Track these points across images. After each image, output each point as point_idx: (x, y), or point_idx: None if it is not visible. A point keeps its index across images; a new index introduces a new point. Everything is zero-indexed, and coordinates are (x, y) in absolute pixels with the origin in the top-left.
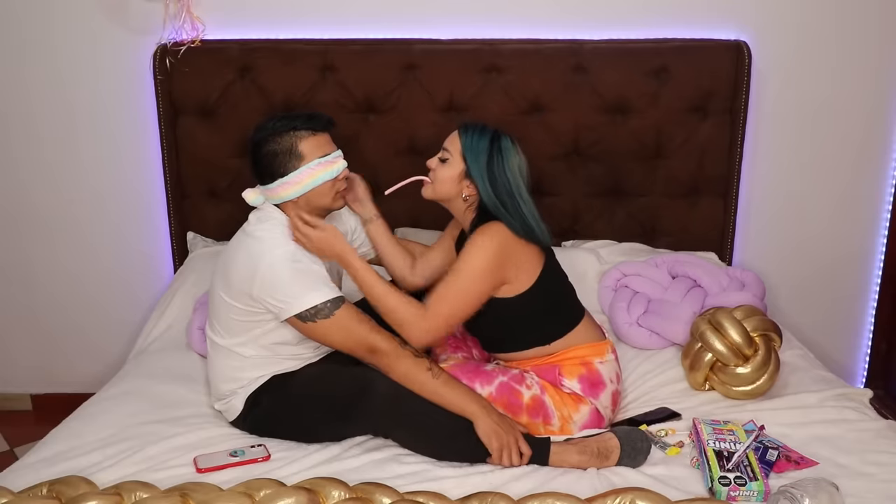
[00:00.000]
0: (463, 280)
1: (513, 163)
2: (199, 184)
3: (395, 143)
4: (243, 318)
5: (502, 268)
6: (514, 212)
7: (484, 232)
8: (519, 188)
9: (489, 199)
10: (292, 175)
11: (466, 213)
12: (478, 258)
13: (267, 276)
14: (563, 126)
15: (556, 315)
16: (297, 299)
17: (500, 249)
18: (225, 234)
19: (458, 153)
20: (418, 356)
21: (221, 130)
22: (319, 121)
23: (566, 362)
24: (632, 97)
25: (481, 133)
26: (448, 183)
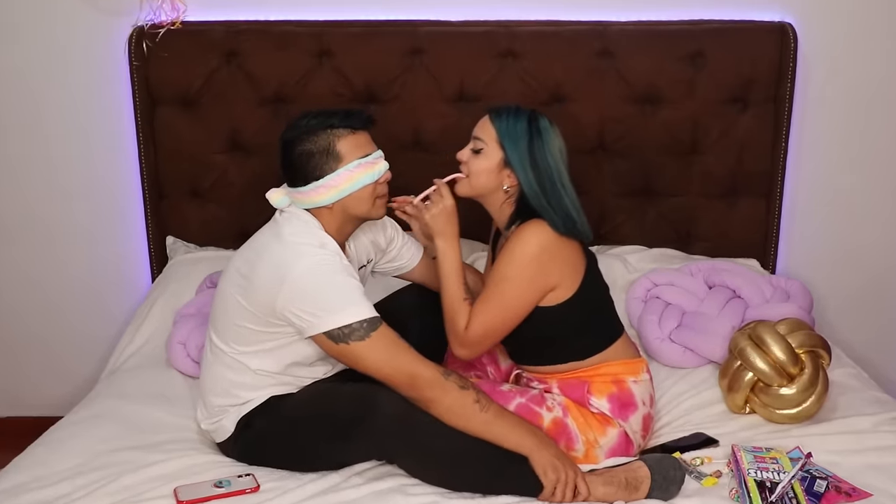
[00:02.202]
0: (504, 290)
1: (553, 146)
2: (180, 182)
3: (398, 137)
4: (259, 328)
5: (548, 272)
6: (557, 203)
7: (524, 233)
8: (561, 175)
9: (531, 189)
10: (329, 178)
11: (504, 207)
12: (520, 264)
13: (297, 285)
14: (586, 118)
15: (598, 326)
16: (330, 315)
17: (544, 251)
18: (209, 238)
19: (494, 140)
20: (464, 387)
21: (205, 122)
22: (358, 118)
23: (597, 379)
24: (663, 86)
25: (516, 115)
26: (486, 175)
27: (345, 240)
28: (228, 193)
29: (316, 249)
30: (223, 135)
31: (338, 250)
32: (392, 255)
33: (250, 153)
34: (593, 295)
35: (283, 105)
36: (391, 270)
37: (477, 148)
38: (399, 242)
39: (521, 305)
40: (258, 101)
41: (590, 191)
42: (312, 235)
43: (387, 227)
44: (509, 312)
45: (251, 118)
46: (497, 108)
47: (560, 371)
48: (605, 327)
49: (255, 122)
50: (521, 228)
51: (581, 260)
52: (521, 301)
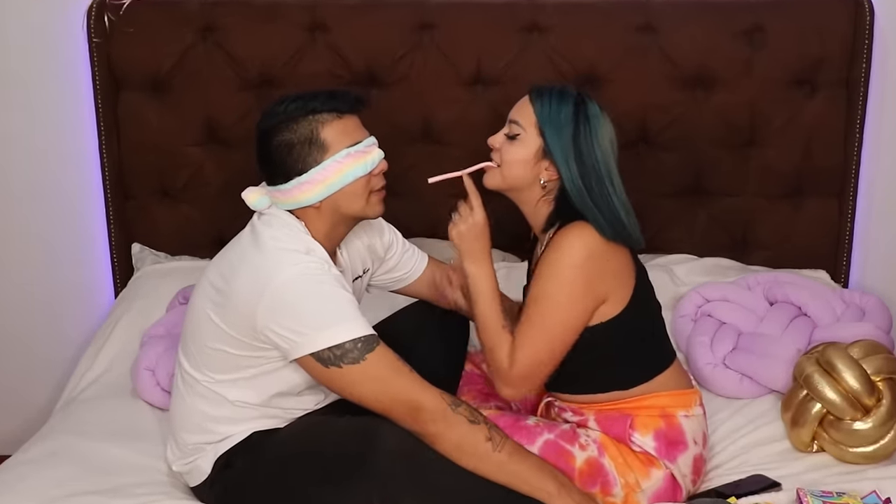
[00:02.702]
0: (549, 311)
1: (604, 136)
2: (148, 180)
3: (404, 126)
4: (238, 351)
5: (598, 283)
6: (604, 202)
7: (566, 239)
8: (610, 170)
9: (573, 186)
10: (314, 171)
11: (540, 206)
12: (565, 277)
13: (279, 298)
14: (625, 104)
15: (648, 351)
16: (318, 333)
17: (591, 259)
18: (182, 245)
19: (533, 126)
20: (475, 421)
21: (177, 110)
22: (345, 100)
23: (642, 412)
24: (716, 66)
25: (561, 98)
26: (521, 166)
27: (336, 245)
28: (205, 193)
29: (301, 256)
30: (198, 124)
31: (327, 257)
32: (391, 264)
33: (230, 146)
34: (644, 313)
35: (268, 89)
36: (390, 283)
37: (513, 133)
38: (399, 249)
39: (570, 328)
40: (240, 84)
41: (629, 190)
42: (297, 240)
43: (384, 231)
44: (557, 338)
45: (231, 105)
46: (539, 89)
47: (599, 401)
48: (655, 352)
49: (235, 110)
50: (561, 234)
51: (631, 271)
52: (569, 323)
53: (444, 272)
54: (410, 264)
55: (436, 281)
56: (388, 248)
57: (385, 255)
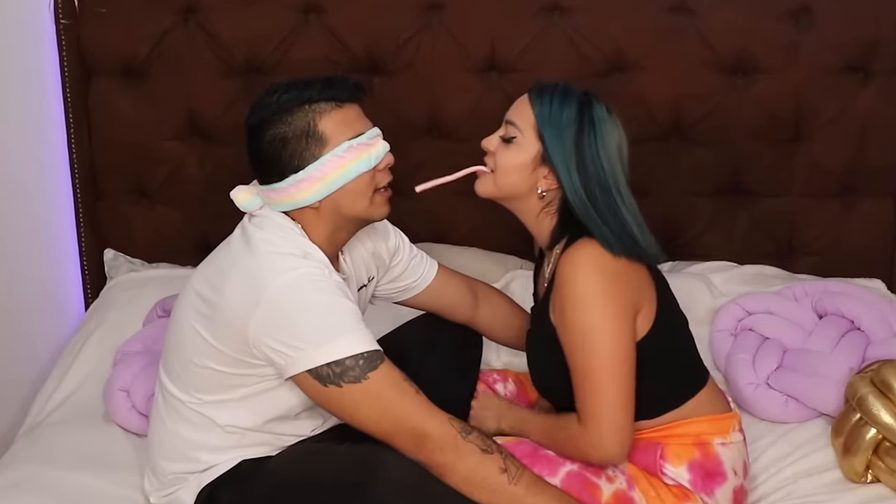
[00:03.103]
0: (595, 346)
1: (610, 141)
2: (123, 178)
3: (410, 118)
4: (228, 369)
5: (626, 291)
6: (611, 215)
7: (574, 260)
8: (617, 180)
9: (575, 196)
10: (312, 168)
11: (541, 218)
12: (594, 300)
13: (274, 307)
14: (656, 93)
15: (675, 373)
16: (316, 347)
17: (607, 271)
18: (161, 251)
19: (532, 128)
20: (487, 450)
21: (156, 99)
22: (344, 87)
23: (674, 440)
24: (758, 51)
25: (564, 98)
26: (516, 172)
27: (337, 251)
28: (186, 193)
29: (298, 261)
30: (179, 116)
31: (327, 262)
32: (397, 271)
33: (215, 140)
34: (670, 333)
35: (257, 77)
36: (395, 293)
37: (509, 136)
38: (406, 255)
39: (626, 352)
40: (225, 71)
41: (660, 189)
42: (293, 243)
43: (389, 234)
44: (617, 370)
45: (216, 94)
46: (540, 87)
47: None
48: (685, 375)
49: (220, 100)
50: (568, 256)
51: (651, 288)
52: (623, 346)
53: (456, 282)
54: (418, 272)
55: (446, 291)
56: (394, 253)
57: (390, 261)
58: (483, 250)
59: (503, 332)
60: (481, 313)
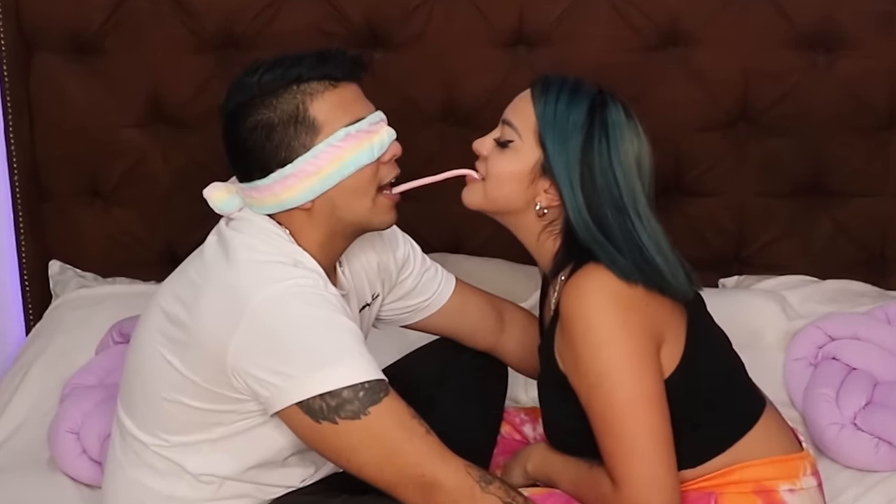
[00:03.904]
0: (617, 394)
1: (626, 151)
2: (72, 175)
3: (421, 102)
4: (202, 405)
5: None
6: (626, 240)
7: (579, 292)
8: (634, 198)
9: (578, 217)
10: (302, 161)
11: (543, 239)
12: (609, 340)
13: (257, 327)
14: (720, 71)
15: (720, 410)
16: (307, 374)
17: (620, 300)
18: (118, 263)
19: (532, 131)
20: (512, 502)
21: (111, 79)
22: (340, 63)
23: (730, 489)
24: (845, 21)
25: (573, 96)
26: (510, 183)
27: (334, 261)
28: (149, 192)
29: (286, 270)
30: (140, 99)
31: (321, 272)
32: (406, 287)
33: (184, 127)
34: (703, 364)
35: (234, 52)
36: (404, 314)
37: (504, 139)
38: (417, 267)
39: (654, 392)
40: (195, 45)
41: (724, 188)
42: (280, 250)
43: (398, 243)
44: (649, 418)
45: (185, 72)
46: (546, 81)
47: None
48: (728, 411)
49: (190, 79)
50: (572, 285)
51: (674, 315)
52: (649, 386)
53: (477, 301)
54: (432, 289)
55: (465, 312)
56: (403, 265)
57: (398, 275)
58: (509, 262)
59: (533, 361)
60: (507, 339)
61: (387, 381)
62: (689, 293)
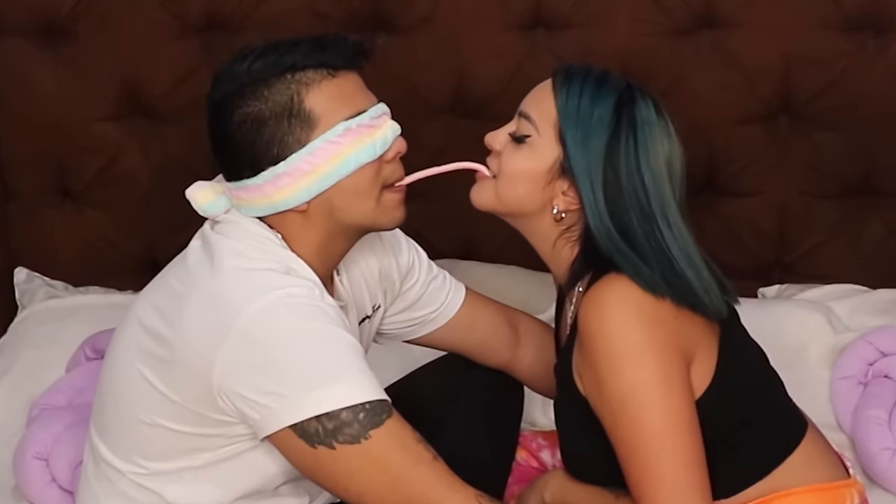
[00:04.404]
0: (642, 414)
1: (656, 152)
2: (40, 172)
3: (428, 91)
4: (186, 428)
5: (671, 336)
6: (653, 251)
7: (602, 302)
8: (664, 203)
9: (599, 223)
10: (297, 158)
11: (560, 246)
12: (633, 358)
13: (246, 342)
14: (760, 57)
15: (751, 436)
16: (302, 394)
17: (644, 313)
18: (92, 271)
19: (552, 126)
20: None
21: (84, 67)
22: (340, 49)
23: None
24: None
25: (599, 89)
26: (524, 183)
27: (332, 268)
28: (125, 192)
29: (279, 278)
30: (115, 89)
31: (317, 280)
32: (410, 298)
33: (163, 121)
34: (742, 381)
35: (220, 37)
36: (408, 327)
37: (521, 133)
38: (422, 275)
39: (684, 415)
40: (177, 29)
41: (765, 187)
42: (272, 256)
43: (401, 248)
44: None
45: (164, 60)
46: (569, 72)
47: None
48: (769, 433)
49: (171, 68)
50: (591, 298)
51: (705, 330)
52: (678, 408)
53: (490, 313)
54: (440, 300)
55: (476, 325)
56: (407, 273)
57: (402, 284)
58: (526, 269)
59: (551, 379)
60: (523, 355)
61: (389, 402)
62: (724, 311)
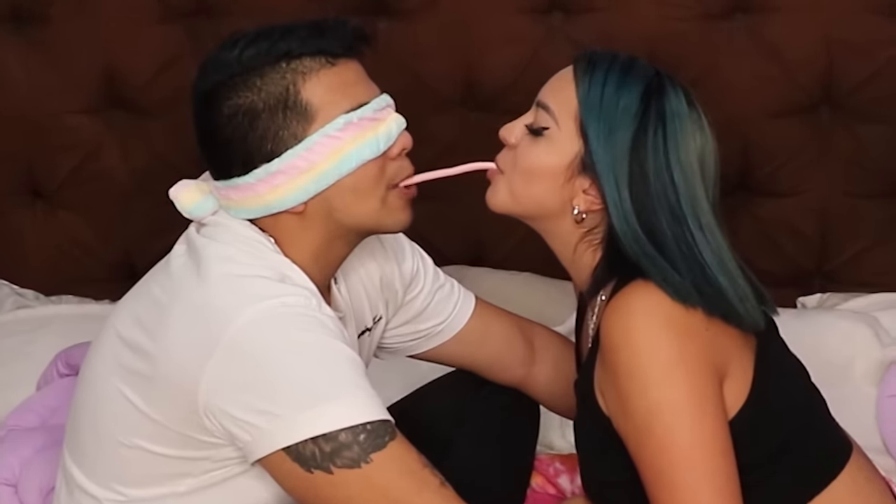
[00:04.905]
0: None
1: (687, 147)
2: (9, 172)
3: (435, 81)
4: (169, 451)
5: (703, 350)
6: (683, 255)
7: (628, 312)
8: (696, 203)
9: (625, 225)
10: (293, 154)
11: (581, 251)
12: (659, 373)
13: (235, 356)
14: (799, 43)
15: (790, 459)
16: (296, 413)
17: (673, 324)
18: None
19: (572, 118)
20: None
21: (57, 55)
22: (338, 35)
23: None
24: None
25: (624, 77)
26: (542, 180)
27: (330, 276)
28: (102, 192)
29: (271, 286)
30: (92, 79)
31: (314, 289)
32: (415, 308)
33: (144, 113)
34: (780, 400)
35: (207, 22)
36: (412, 341)
37: (538, 125)
38: (428, 283)
39: (717, 436)
40: (160, 12)
41: (805, 185)
42: (264, 262)
43: (405, 254)
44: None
45: (146, 47)
46: (592, 58)
47: None
48: (810, 456)
49: (153, 56)
50: (615, 307)
51: (740, 343)
52: (711, 428)
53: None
54: (447, 311)
55: (487, 339)
56: (411, 282)
57: (405, 294)
58: (542, 276)
59: (570, 398)
60: (538, 371)
61: (393, 423)
62: (760, 322)
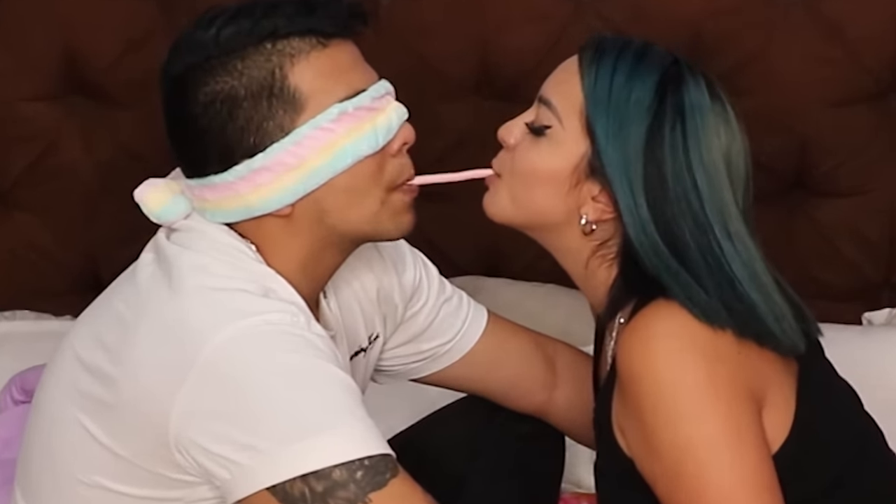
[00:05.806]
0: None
1: (710, 145)
2: None
3: (444, 65)
4: (134, 490)
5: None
6: (708, 268)
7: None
8: (723, 209)
9: (642, 235)
10: (279, 149)
11: (593, 266)
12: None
13: (212, 380)
14: (864, 23)
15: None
16: (283, 446)
17: (703, 349)
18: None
19: (578, 114)
20: None
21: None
22: (331, 12)
23: None
24: None
25: (636, 66)
26: (543, 185)
27: (319, 288)
28: (62, 191)
29: (254, 302)
30: (49, 62)
31: (302, 304)
32: (417, 326)
33: (109, 101)
34: (829, 431)
35: None
36: (415, 363)
37: (539, 123)
38: (433, 297)
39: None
40: None
41: (872, 183)
42: (244, 273)
43: (405, 262)
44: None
45: (110, 23)
46: (600, 45)
47: None
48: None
49: (118, 35)
50: (634, 330)
51: (780, 368)
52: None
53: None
54: (454, 328)
55: (502, 360)
56: (413, 295)
57: (406, 309)
58: (566, 288)
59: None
60: (561, 396)
61: (394, 457)
62: (800, 344)
